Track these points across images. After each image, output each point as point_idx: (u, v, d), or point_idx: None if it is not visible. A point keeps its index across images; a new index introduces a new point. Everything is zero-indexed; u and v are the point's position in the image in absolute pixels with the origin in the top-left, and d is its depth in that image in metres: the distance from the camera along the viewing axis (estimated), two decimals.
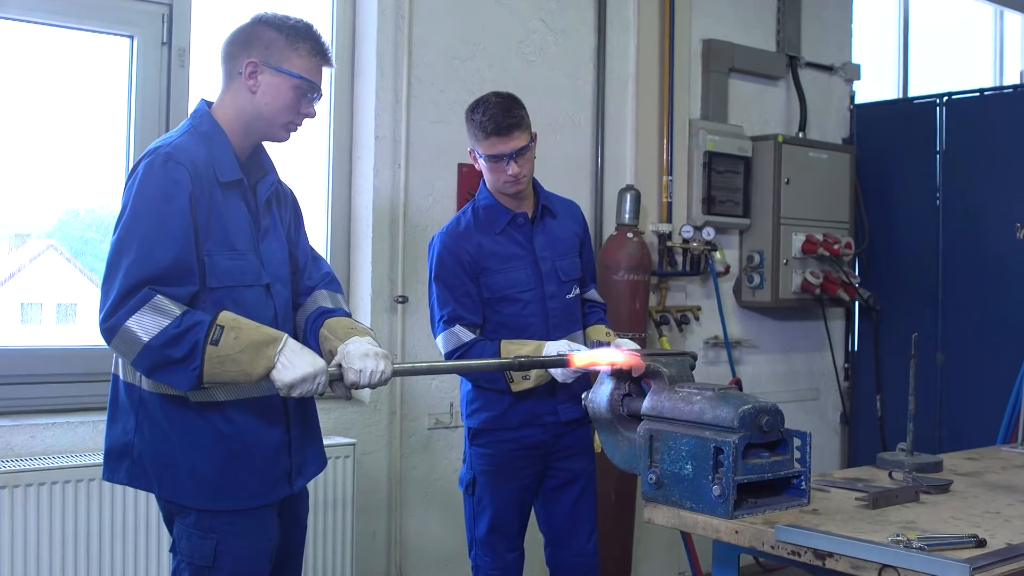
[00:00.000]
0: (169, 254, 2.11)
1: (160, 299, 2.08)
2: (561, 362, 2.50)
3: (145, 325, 2.06)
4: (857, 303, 5.41)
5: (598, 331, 3.16)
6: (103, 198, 3.49)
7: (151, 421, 2.22)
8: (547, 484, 3.13)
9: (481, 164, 3.01)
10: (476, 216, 3.07)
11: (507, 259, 3.04)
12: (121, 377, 2.26)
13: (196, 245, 2.16)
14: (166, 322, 2.06)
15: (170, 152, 2.16)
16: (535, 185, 3.14)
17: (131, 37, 3.43)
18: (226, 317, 2.13)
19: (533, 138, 3.02)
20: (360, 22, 3.88)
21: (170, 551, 2.33)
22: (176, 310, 2.08)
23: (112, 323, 2.07)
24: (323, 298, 2.45)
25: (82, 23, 3.35)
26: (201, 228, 2.17)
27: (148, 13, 3.44)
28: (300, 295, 2.46)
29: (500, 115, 2.92)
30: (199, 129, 2.25)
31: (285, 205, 2.44)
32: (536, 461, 3.08)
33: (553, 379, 2.91)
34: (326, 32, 3.81)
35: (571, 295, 3.13)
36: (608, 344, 2.74)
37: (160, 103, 3.47)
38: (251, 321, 2.16)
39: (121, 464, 2.26)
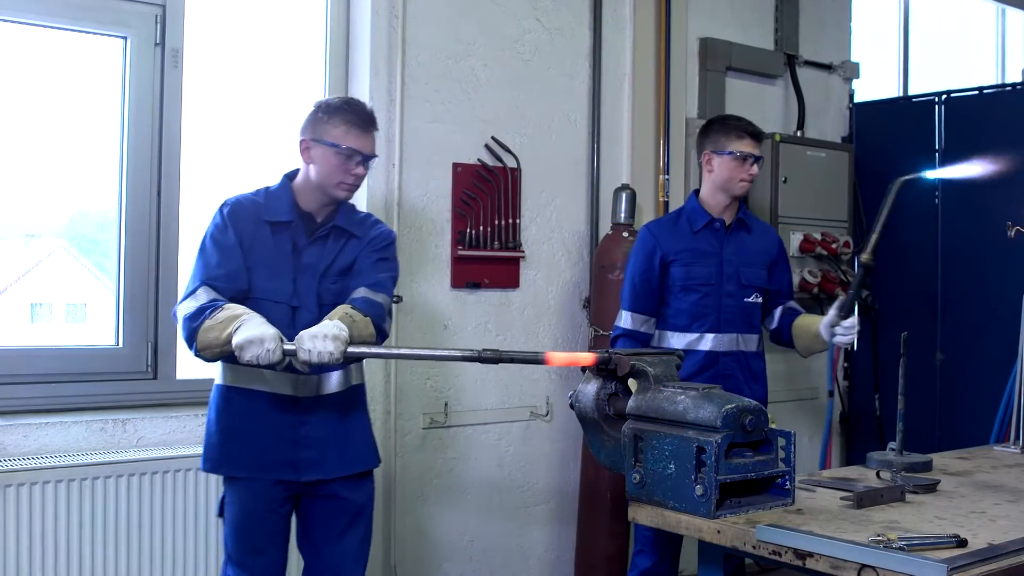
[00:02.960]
0: (217, 263, 2.71)
1: (202, 290, 2.65)
2: (536, 359, 2.48)
3: (187, 307, 2.63)
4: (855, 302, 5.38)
5: (812, 317, 3.65)
6: (113, 199, 3.49)
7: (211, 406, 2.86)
8: None
9: (718, 163, 3.55)
10: (680, 215, 3.68)
11: (696, 254, 3.58)
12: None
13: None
14: (198, 304, 2.61)
15: (227, 201, 2.81)
16: (739, 201, 3.66)
17: (124, 38, 3.45)
18: (231, 304, 2.61)
19: None
20: (354, 21, 3.88)
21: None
22: (207, 297, 2.63)
23: (174, 310, 2.70)
24: (357, 292, 2.78)
25: (75, 24, 3.37)
26: (246, 251, 2.74)
27: (141, 14, 3.45)
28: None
29: (751, 124, 3.61)
30: (270, 188, 2.87)
31: (351, 246, 2.85)
32: None
33: None
34: (319, 33, 3.87)
35: (750, 299, 3.62)
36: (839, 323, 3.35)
37: (153, 104, 3.48)
38: (247, 308, 2.60)
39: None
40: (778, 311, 3.75)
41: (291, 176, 2.86)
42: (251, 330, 2.49)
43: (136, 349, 3.46)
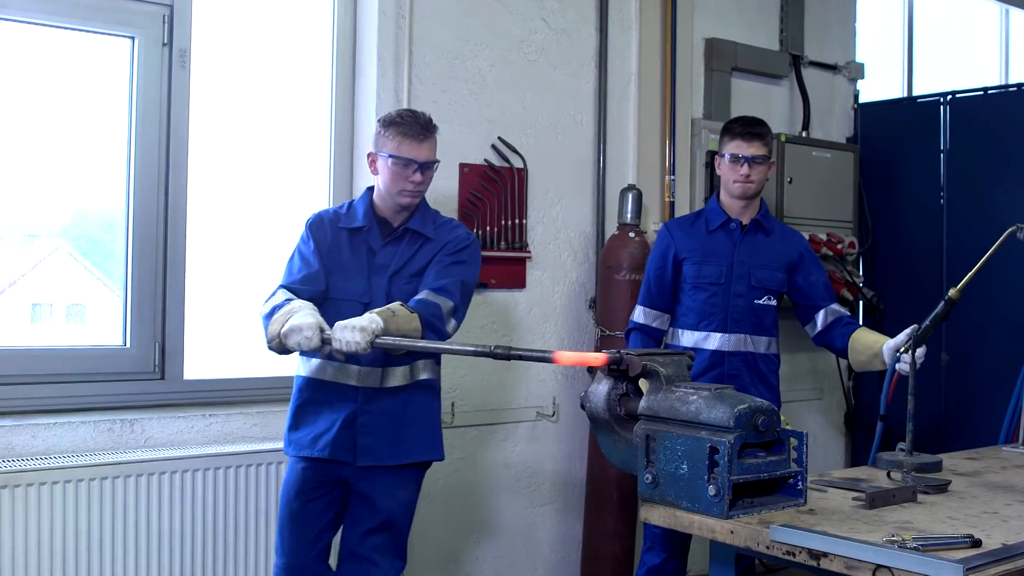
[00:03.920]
0: (298, 269, 2.99)
1: (279, 292, 2.90)
2: (546, 357, 2.47)
3: (264, 308, 2.87)
4: (861, 303, 5.38)
5: (874, 335, 3.46)
6: (113, 199, 3.48)
7: None
8: None
9: (720, 164, 3.62)
10: (700, 215, 3.75)
11: (707, 253, 3.64)
12: None
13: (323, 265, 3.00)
14: (272, 304, 2.84)
15: (312, 215, 3.10)
16: (761, 204, 3.70)
17: (132, 38, 3.44)
18: (295, 302, 2.82)
19: (771, 161, 3.63)
20: (361, 21, 3.88)
21: None
22: (282, 298, 2.85)
23: (259, 312, 2.90)
24: (420, 293, 2.94)
25: (83, 24, 3.36)
26: (323, 255, 3.00)
27: (149, 14, 3.45)
28: None
29: (749, 124, 3.59)
30: (354, 200, 3.14)
31: (427, 248, 3.03)
32: None
33: None
34: (327, 33, 3.87)
35: (760, 301, 3.63)
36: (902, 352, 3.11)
37: (161, 104, 3.48)
38: (304, 304, 2.81)
39: None
40: (821, 316, 3.66)
41: (372, 188, 3.10)
42: (296, 320, 2.72)
43: (143, 349, 3.46)
